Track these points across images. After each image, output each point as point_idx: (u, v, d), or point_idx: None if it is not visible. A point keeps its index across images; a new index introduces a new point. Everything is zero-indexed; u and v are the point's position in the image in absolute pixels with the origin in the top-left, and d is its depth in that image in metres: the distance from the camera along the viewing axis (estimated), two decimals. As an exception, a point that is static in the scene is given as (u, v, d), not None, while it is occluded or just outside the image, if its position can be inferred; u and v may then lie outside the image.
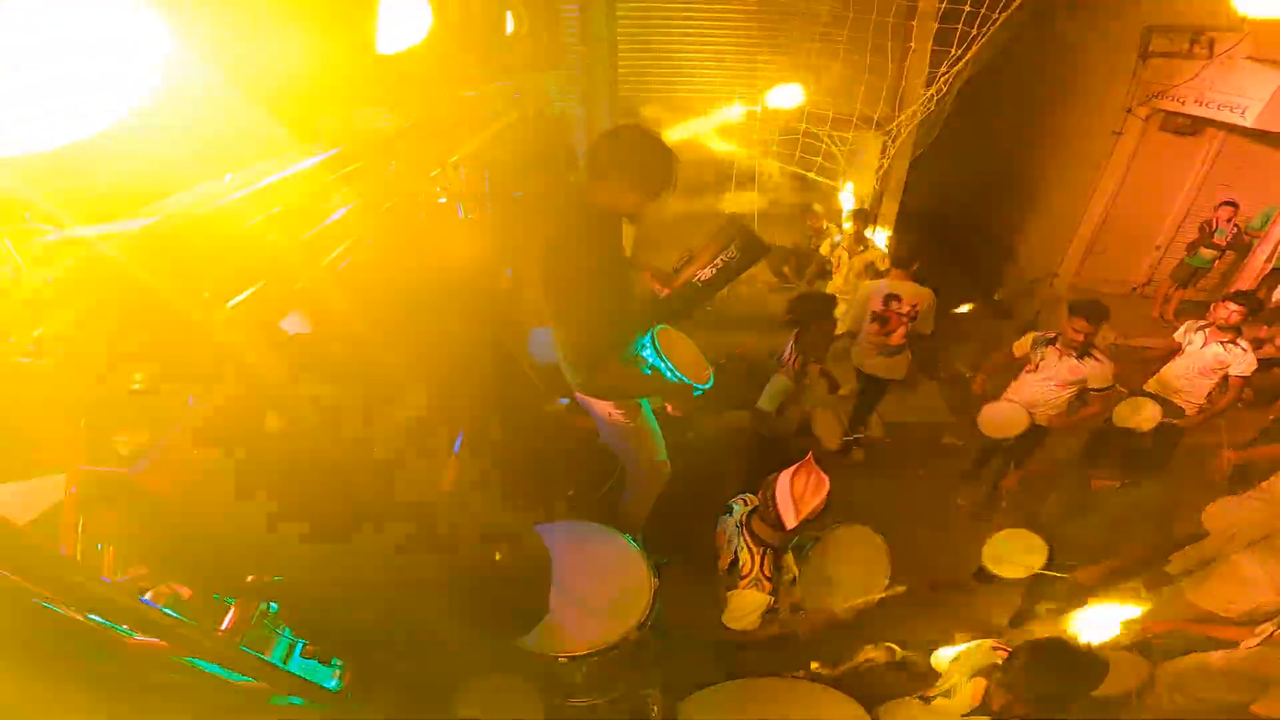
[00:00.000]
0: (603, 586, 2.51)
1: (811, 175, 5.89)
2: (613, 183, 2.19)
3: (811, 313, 3.78)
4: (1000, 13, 4.05)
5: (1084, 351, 3.92)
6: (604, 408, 2.72)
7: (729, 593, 2.77)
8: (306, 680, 1.91)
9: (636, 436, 2.89)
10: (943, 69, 4.66)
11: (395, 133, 2.24)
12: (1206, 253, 5.85)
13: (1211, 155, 5.90)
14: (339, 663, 2.08)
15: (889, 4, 4.60)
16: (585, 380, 2.35)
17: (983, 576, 4.04)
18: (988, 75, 6.11)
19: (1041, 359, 4.10)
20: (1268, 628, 2.46)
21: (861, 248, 5.41)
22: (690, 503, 3.56)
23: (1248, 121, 4.87)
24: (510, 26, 2.95)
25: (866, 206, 6.10)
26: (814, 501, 2.35)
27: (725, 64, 5.54)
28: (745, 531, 2.58)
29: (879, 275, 5.42)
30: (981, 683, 2.25)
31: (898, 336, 4.41)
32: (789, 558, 2.66)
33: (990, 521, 4.69)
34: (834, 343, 4.40)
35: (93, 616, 1.17)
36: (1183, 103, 5.32)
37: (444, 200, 2.53)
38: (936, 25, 4.55)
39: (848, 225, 5.50)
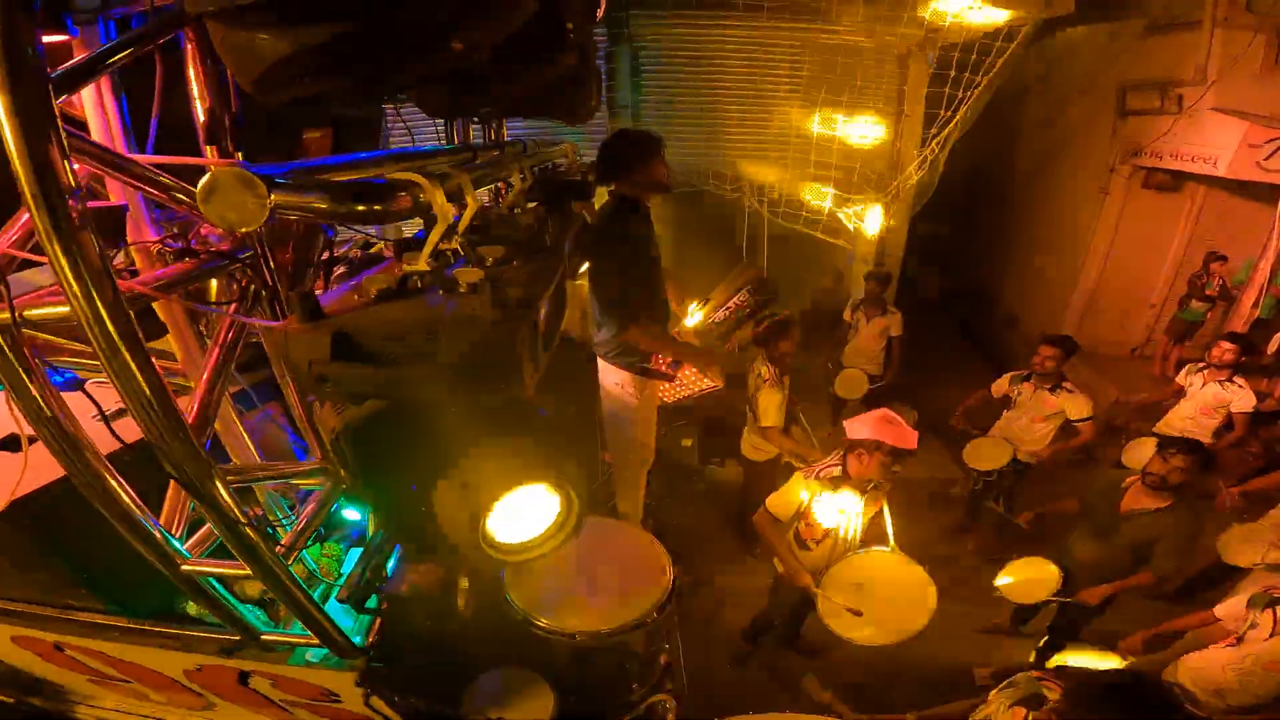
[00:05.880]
0: (623, 572, 2.55)
1: (818, 234, 6.20)
2: (613, 176, 2.67)
3: (774, 333, 4.08)
4: (983, 76, 4.48)
5: (1056, 384, 4.11)
6: (617, 379, 2.92)
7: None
8: (336, 627, 1.95)
9: (635, 415, 3.07)
10: (933, 130, 5.07)
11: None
12: (1197, 305, 6.02)
13: (1195, 211, 6.12)
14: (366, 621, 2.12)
15: (883, 70, 5.08)
16: (618, 328, 2.69)
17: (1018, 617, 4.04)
18: (977, 140, 6.54)
19: (1018, 394, 4.30)
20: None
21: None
22: (697, 533, 3.68)
23: (1220, 171, 5.11)
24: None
25: (884, 269, 6.16)
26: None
27: (737, 129, 6.00)
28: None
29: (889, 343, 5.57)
30: (1020, 712, 2.25)
31: None
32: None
33: (1000, 561, 4.73)
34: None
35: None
36: (1160, 158, 5.59)
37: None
38: (926, 89, 5.00)
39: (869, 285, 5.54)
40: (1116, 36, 5.92)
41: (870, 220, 6.34)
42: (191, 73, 0.97)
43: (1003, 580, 3.33)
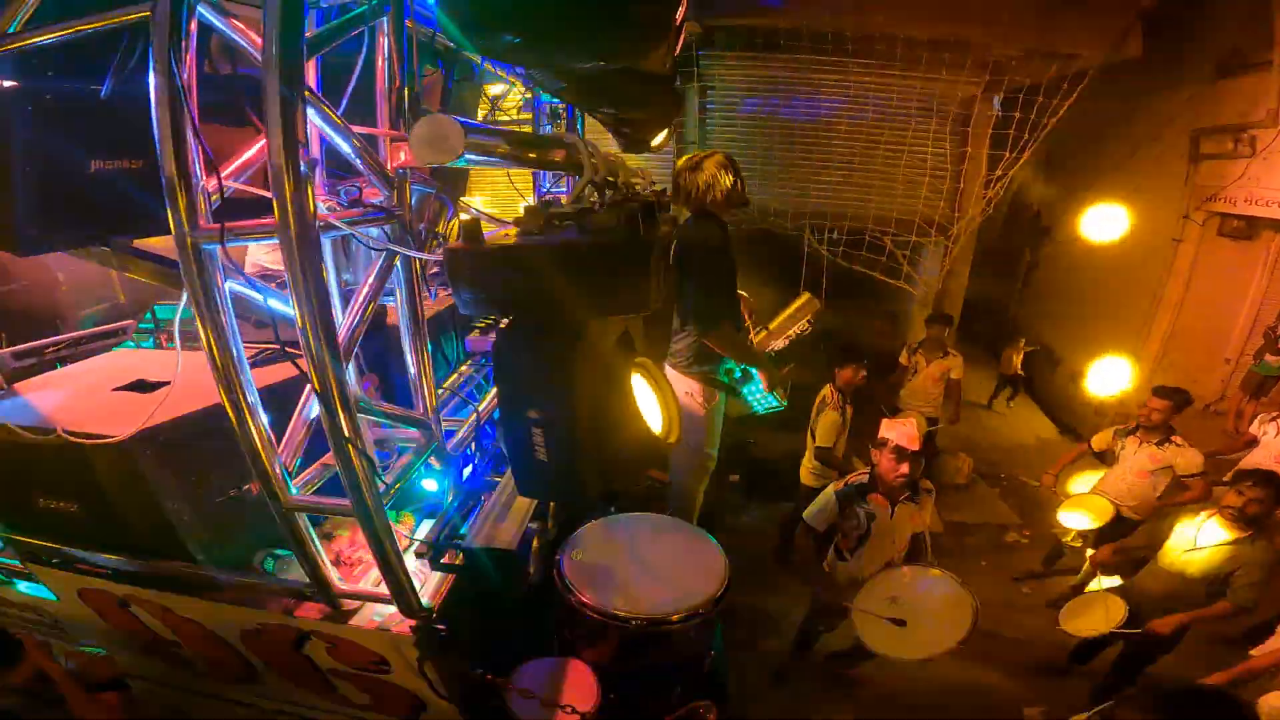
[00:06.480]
0: (679, 566, 2.63)
1: (877, 275, 6.25)
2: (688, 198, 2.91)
3: (842, 359, 4.28)
4: (1050, 118, 4.55)
5: (1164, 438, 4.00)
6: (687, 388, 3.04)
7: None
8: (409, 579, 2.06)
9: (702, 424, 3.20)
10: (998, 171, 5.13)
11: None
12: (1272, 359, 5.77)
13: (1271, 260, 5.88)
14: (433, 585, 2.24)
15: (948, 111, 5.19)
16: (705, 328, 2.86)
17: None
18: (1043, 190, 6.50)
19: (1121, 448, 4.20)
20: None
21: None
22: (739, 561, 3.70)
23: (1296, 215, 4.94)
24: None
25: (945, 312, 6.12)
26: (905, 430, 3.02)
27: (800, 168, 6.15)
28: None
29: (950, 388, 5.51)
30: None
31: None
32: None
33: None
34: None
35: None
36: (1234, 204, 5.46)
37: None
38: (991, 130, 5.07)
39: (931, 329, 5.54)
40: (1186, 80, 5.90)
41: (930, 261, 6.38)
42: (382, 57, 1.20)
43: (1065, 612, 3.28)
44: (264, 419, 1.45)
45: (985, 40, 4.82)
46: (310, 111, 1.07)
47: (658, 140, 2.93)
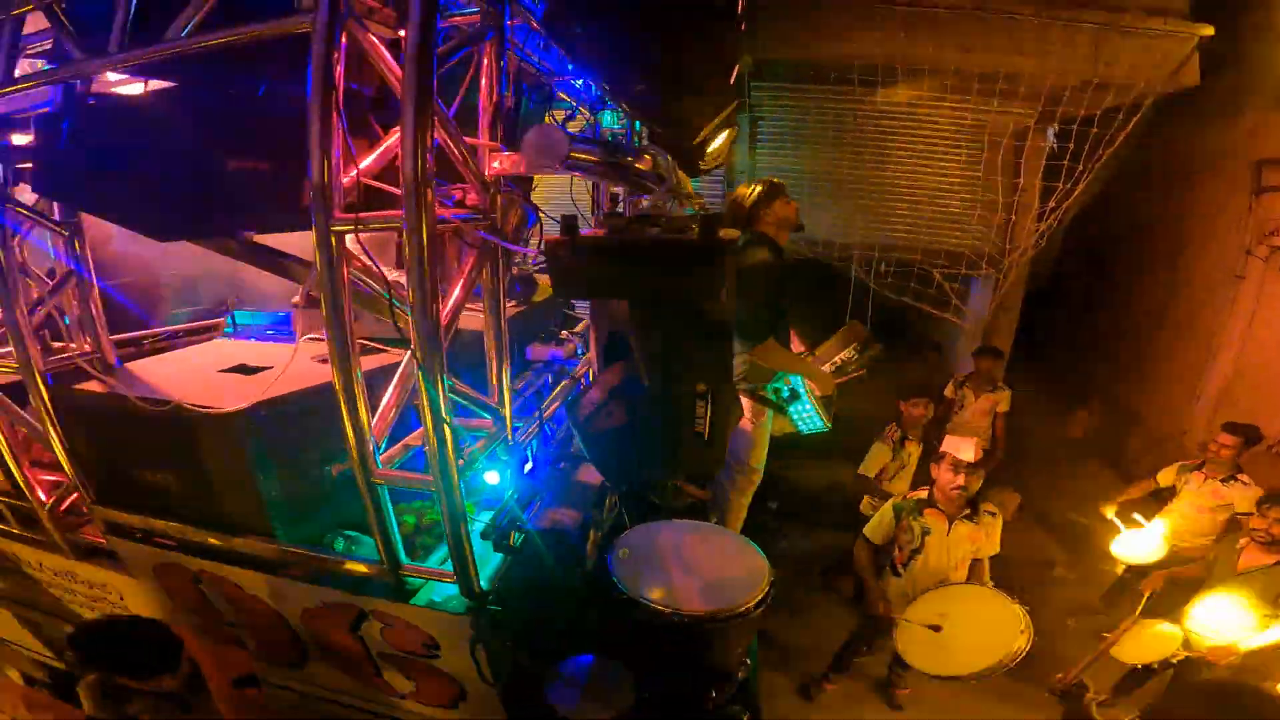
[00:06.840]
0: (724, 570, 2.68)
1: (924, 307, 6.22)
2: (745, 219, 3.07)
3: (904, 392, 4.36)
4: (1105, 149, 4.54)
5: (1230, 475, 3.93)
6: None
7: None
8: (473, 557, 2.18)
9: (748, 439, 3.32)
10: (1051, 203, 5.10)
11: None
12: (1341, 401, 5.52)
13: None
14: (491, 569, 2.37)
15: (1000, 142, 5.20)
16: (752, 342, 2.98)
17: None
18: (1096, 227, 6.37)
19: (1185, 483, 4.12)
20: None
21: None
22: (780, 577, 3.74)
23: (1362, 250, 4.72)
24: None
25: (993, 344, 6.02)
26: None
27: (849, 200, 6.16)
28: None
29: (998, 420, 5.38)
30: None
31: None
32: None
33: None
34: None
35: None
36: None
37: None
38: (1044, 162, 5.06)
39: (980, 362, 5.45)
40: (1248, 110, 5.77)
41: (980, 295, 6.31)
42: (486, 77, 1.38)
43: (1117, 639, 3.23)
44: (365, 399, 1.63)
45: (1038, 71, 4.82)
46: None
47: (708, 160, 3.07)
